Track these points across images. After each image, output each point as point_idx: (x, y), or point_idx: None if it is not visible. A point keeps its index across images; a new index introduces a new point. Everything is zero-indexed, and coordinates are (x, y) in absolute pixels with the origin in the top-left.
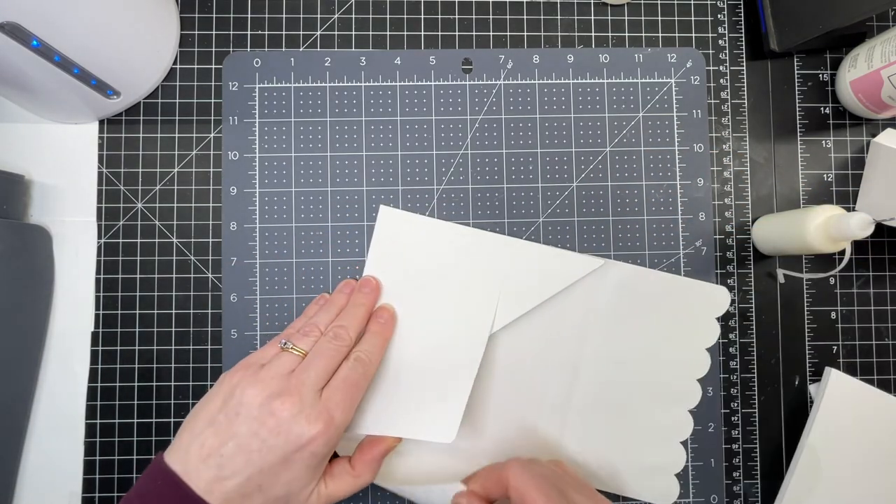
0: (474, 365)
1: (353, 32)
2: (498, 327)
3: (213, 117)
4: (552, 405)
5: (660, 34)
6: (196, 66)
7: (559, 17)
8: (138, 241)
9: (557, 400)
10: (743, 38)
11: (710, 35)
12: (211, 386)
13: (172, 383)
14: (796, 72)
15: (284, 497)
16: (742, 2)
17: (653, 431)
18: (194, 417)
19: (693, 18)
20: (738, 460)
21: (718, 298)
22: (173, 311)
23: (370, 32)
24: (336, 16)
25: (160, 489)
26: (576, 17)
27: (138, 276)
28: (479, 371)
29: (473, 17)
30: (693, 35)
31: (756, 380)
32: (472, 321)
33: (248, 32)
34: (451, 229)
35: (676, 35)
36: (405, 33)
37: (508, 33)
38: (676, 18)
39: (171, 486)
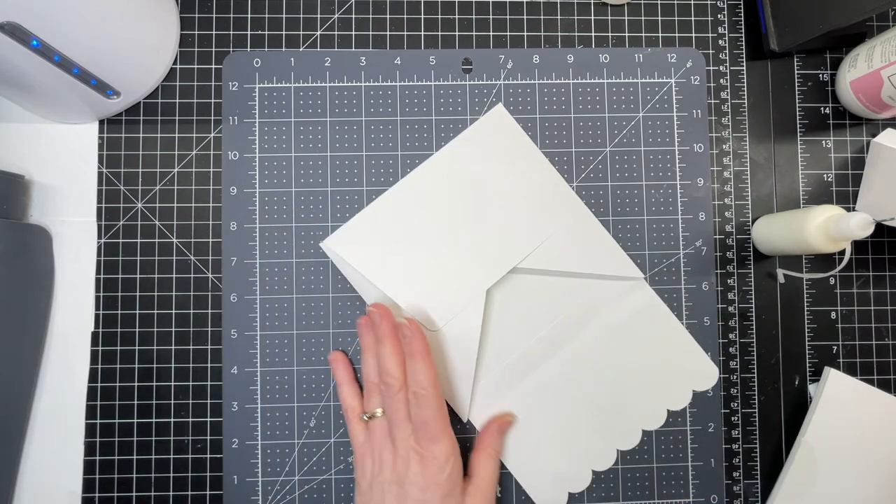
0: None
1: (353, 32)
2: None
3: (213, 117)
4: (518, 360)
5: (660, 34)
6: (196, 66)
7: (559, 17)
8: (138, 241)
9: (525, 363)
10: (743, 38)
11: (710, 35)
12: (212, 386)
13: (172, 383)
14: (796, 72)
15: None
16: (742, 2)
17: (596, 426)
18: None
19: (693, 18)
20: (738, 460)
21: (708, 374)
22: (173, 311)
23: (370, 32)
24: (336, 16)
25: None
26: (576, 17)
27: (138, 276)
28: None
29: (473, 17)
30: (693, 35)
31: (756, 380)
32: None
33: (248, 32)
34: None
35: (676, 35)
36: (405, 33)
37: (508, 33)
38: (676, 18)
39: None
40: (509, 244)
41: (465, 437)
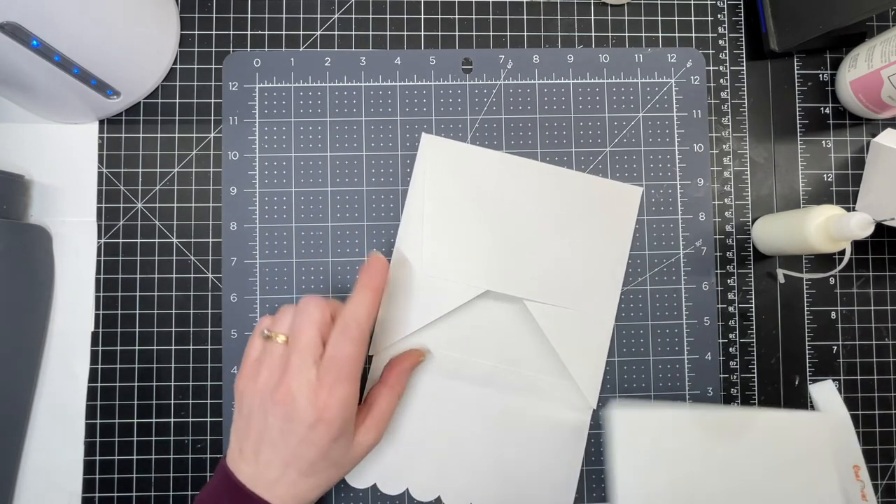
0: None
1: (353, 32)
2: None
3: (213, 117)
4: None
5: (660, 34)
6: (196, 66)
7: (559, 17)
8: (138, 241)
9: (462, 369)
10: (743, 38)
11: (710, 35)
12: (212, 386)
13: (172, 383)
14: (796, 72)
15: (332, 467)
16: (742, 2)
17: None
18: (233, 420)
19: (693, 18)
20: None
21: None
22: (173, 311)
23: (370, 32)
24: (336, 16)
25: (219, 483)
26: (576, 17)
27: (138, 276)
28: None
29: (473, 17)
30: (693, 35)
31: (756, 380)
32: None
33: (248, 32)
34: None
35: (676, 35)
36: (405, 33)
37: (508, 33)
38: (676, 18)
39: (226, 479)
40: (542, 279)
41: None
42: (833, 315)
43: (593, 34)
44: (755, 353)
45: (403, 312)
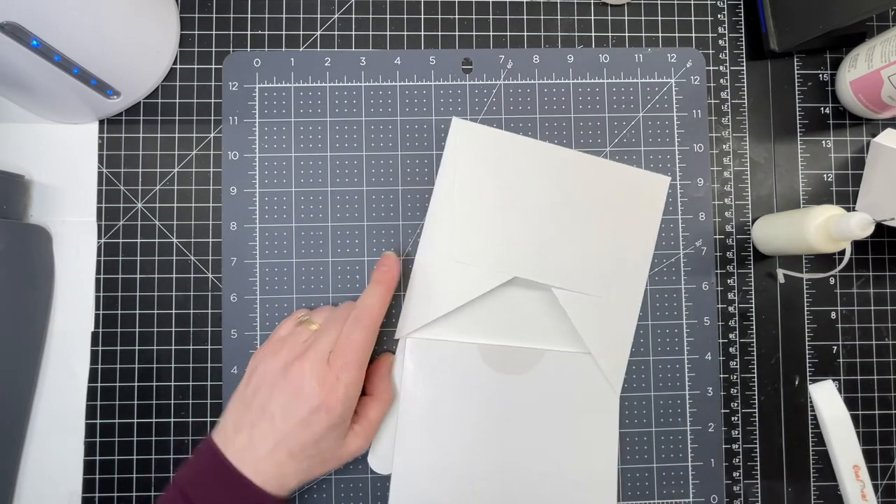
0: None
1: (353, 32)
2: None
3: (213, 117)
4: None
5: (660, 34)
6: (196, 66)
7: (559, 17)
8: (138, 241)
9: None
10: (743, 38)
11: (710, 35)
12: (212, 386)
13: (172, 383)
14: (796, 72)
15: (318, 457)
16: (742, 2)
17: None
18: (232, 395)
19: (693, 18)
20: (738, 460)
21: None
22: (173, 311)
23: (370, 32)
24: (336, 16)
25: (203, 458)
26: (576, 17)
27: (138, 276)
28: None
29: (473, 17)
30: (693, 35)
31: (756, 380)
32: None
33: (248, 32)
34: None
35: (676, 35)
36: (405, 33)
37: (508, 33)
38: (676, 18)
39: (211, 454)
40: (570, 266)
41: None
42: (833, 315)
43: (593, 34)
44: (755, 353)
45: (429, 297)
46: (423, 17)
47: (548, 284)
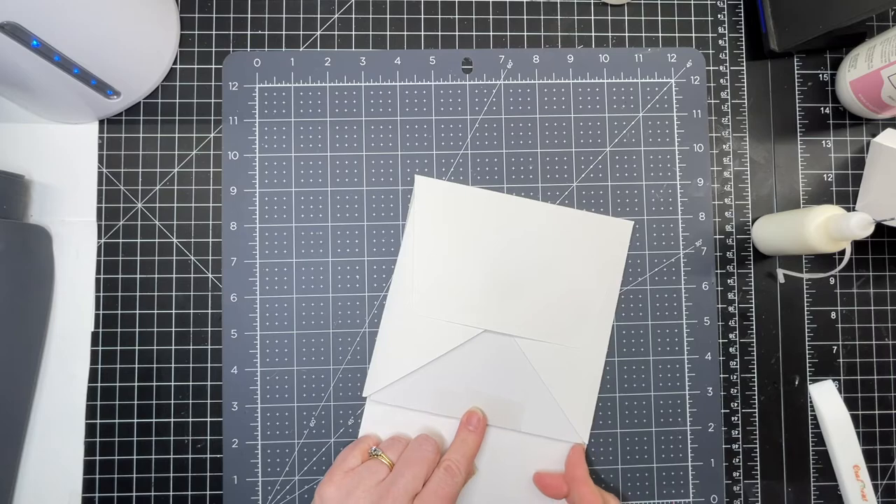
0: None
1: (353, 32)
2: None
3: (213, 117)
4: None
5: (660, 34)
6: (196, 66)
7: (559, 17)
8: (138, 241)
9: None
10: (743, 38)
11: (710, 35)
12: (212, 386)
13: (172, 383)
14: (796, 72)
15: None
16: (742, 2)
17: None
18: None
19: (693, 18)
20: (738, 460)
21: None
22: (173, 311)
23: (370, 32)
24: (336, 16)
25: None
26: (576, 17)
27: (138, 276)
28: None
29: (473, 17)
30: (693, 35)
31: (756, 380)
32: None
33: (248, 32)
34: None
35: (676, 35)
36: (405, 33)
37: (508, 33)
38: (676, 18)
39: None
40: (534, 316)
41: None
42: (833, 315)
43: (593, 34)
44: (755, 353)
45: (398, 354)
46: (423, 17)
47: (512, 335)
